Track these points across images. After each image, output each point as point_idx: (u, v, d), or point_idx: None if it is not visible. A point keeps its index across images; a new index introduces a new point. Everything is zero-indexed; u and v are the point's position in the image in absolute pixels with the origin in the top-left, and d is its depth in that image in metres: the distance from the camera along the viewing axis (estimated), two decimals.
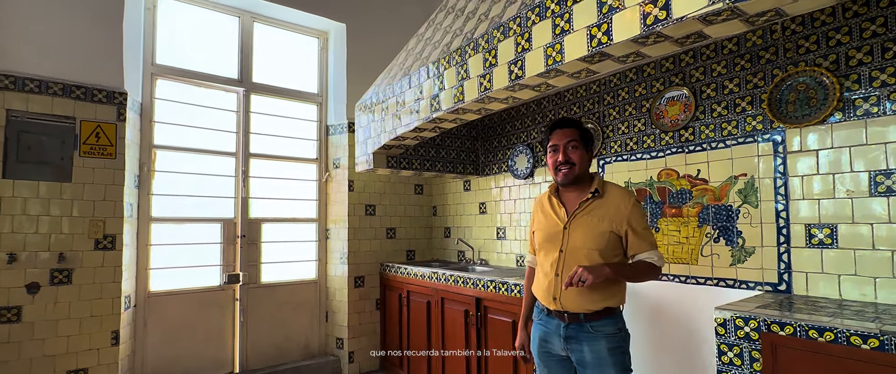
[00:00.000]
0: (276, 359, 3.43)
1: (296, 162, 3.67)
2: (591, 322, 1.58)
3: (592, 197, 1.63)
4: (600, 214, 1.60)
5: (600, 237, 1.57)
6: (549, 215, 1.70)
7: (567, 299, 1.59)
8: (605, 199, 1.63)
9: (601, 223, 1.59)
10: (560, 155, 1.63)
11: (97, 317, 2.61)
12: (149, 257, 3.00)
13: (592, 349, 1.57)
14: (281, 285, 3.50)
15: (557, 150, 1.65)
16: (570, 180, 1.64)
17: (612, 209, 1.60)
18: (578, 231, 1.60)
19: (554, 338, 1.66)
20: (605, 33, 1.52)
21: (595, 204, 1.62)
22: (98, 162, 2.67)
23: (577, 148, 1.64)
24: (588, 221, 1.60)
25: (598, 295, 1.57)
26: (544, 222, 1.71)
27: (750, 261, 2.02)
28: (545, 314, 1.70)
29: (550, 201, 1.72)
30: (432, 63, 2.40)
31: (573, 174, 1.63)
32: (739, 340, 1.55)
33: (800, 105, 1.89)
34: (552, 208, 1.70)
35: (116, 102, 2.74)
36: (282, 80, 3.64)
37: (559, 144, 1.65)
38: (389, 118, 2.81)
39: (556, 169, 1.65)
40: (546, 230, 1.69)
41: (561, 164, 1.63)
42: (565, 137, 1.64)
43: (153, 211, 3.04)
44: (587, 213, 1.61)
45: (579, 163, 1.63)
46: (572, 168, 1.63)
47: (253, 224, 3.41)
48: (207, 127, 3.29)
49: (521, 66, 1.85)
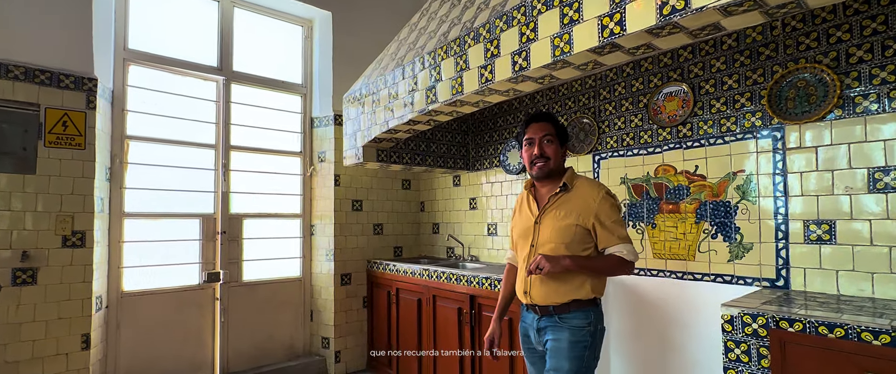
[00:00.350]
0: (259, 360, 3.29)
1: (279, 155, 3.53)
2: (561, 315, 1.60)
3: (560, 191, 1.63)
4: (568, 208, 1.61)
5: (566, 231, 1.58)
6: (524, 211, 1.73)
7: (535, 292, 1.62)
8: (573, 193, 1.63)
9: (567, 217, 1.59)
10: (535, 149, 1.64)
11: (65, 320, 2.43)
12: (122, 255, 2.82)
13: (555, 338, 1.59)
14: (264, 284, 3.36)
15: (533, 143, 1.65)
16: (545, 174, 1.65)
17: (580, 203, 1.60)
18: (547, 226, 1.62)
19: (531, 332, 1.69)
20: (618, 24, 1.48)
21: (563, 198, 1.63)
22: (65, 153, 2.48)
23: (552, 142, 1.64)
24: (556, 215, 1.61)
25: (563, 288, 1.58)
26: (519, 218, 1.75)
27: (748, 257, 2.03)
28: (524, 309, 1.73)
29: (527, 198, 1.74)
30: (428, 53, 2.32)
31: (548, 168, 1.64)
32: (747, 337, 1.54)
33: (799, 102, 1.90)
34: (528, 203, 1.72)
35: (85, 88, 2.55)
36: (264, 69, 3.48)
37: (535, 137, 1.65)
38: (381, 110, 2.71)
39: (532, 163, 1.66)
40: (520, 226, 1.72)
41: (536, 157, 1.64)
42: (541, 131, 1.65)
43: (126, 206, 2.86)
44: (556, 207, 1.63)
45: (554, 157, 1.64)
46: (547, 162, 1.63)
47: (234, 220, 3.26)
48: (185, 117, 3.11)
49: (526, 57, 1.79)
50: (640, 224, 2.41)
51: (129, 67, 2.91)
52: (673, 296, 2.26)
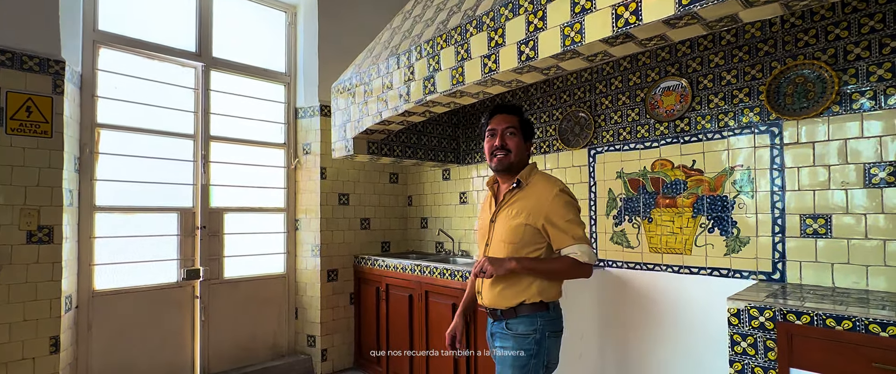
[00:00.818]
0: (242, 360, 3.16)
1: (262, 147, 3.38)
2: (508, 320, 1.53)
3: (515, 189, 1.56)
4: (519, 206, 1.53)
5: (514, 231, 1.51)
6: (485, 209, 1.68)
7: (486, 294, 1.57)
8: (527, 191, 1.54)
9: (517, 216, 1.52)
10: (497, 140, 1.55)
11: (32, 322, 2.25)
12: (93, 252, 2.63)
13: (502, 346, 1.54)
14: (246, 281, 3.22)
15: (495, 134, 1.56)
16: (504, 167, 1.56)
17: (532, 201, 1.51)
18: (500, 225, 1.56)
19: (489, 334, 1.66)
20: (634, 13, 1.44)
21: (517, 196, 1.55)
22: (30, 141, 2.28)
23: (514, 135, 1.56)
24: (507, 213, 1.55)
25: (509, 291, 1.51)
26: (481, 215, 1.70)
27: (744, 251, 2.06)
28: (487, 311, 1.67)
29: (489, 194, 1.69)
30: (426, 42, 2.24)
31: (508, 161, 1.54)
32: (753, 330, 1.55)
33: (797, 98, 1.92)
34: (488, 200, 1.68)
35: (52, 71, 2.35)
36: (246, 56, 3.32)
37: (497, 128, 1.56)
38: (374, 101, 2.61)
39: (492, 154, 1.57)
40: (481, 224, 1.68)
41: (497, 149, 1.54)
42: (504, 122, 1.57)
43: (97, 199, 2.67)
44: (509, 205, 1.55)
45: (515, 151, 1.55)
46: (507, 155, 1.54)
47: (214, 214, 3.10)
48: (161, 105, 2.93)
49: (533, 46, 1.75)
50: (637, 219, 2.42)
51: (99, 49, 2.71)
52: (670, 290, 2.28)
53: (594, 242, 2.60)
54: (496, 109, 1.61)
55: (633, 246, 2.43)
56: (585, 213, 2.65)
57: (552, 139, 2.84)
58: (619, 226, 2.49)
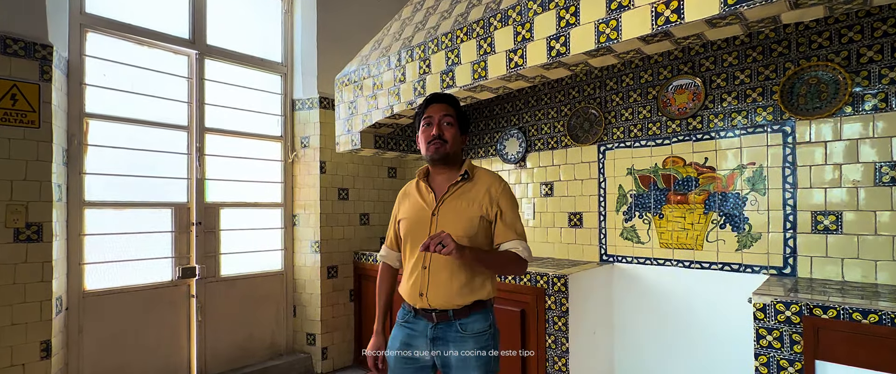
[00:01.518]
0: (239, 361, 3.06)
1: (258, 139, 3.25)
2: (460, 320, 1.46)
3: (462, 180, 1.51)
4: (470, 197, 1.49)
5: (471, 223, 1.46)
6: (417, 202, 1.55)
7: (434, 294, 1.45)
8: (475, 182, 1.51)
9: (471, 207, 1.47)
10: (434, 129, 1.49)
11: (21, 326, 2.10)
12: (83, 250, 2.48)
13: (459, 351, 1.45)
14: (243, 278, 3.11)
15: (431, 123, 1.50)
16: (441, 157, 1.49)
17: (482, 193, 1.49)
18: (448, 217, 1.47)
19: (419, 341, 1.50)
20: (675, 11, 1.44)
21: (465, 187, 1.51)
22: (15, 131, 2.12)
23: (451, 125, 1.51)
24: (458, 205, 1.48)
25: (466, 288, 1.45)
26: (411, 207, 1.55)
27: (756, 246, 2.12)
28: (412, 315, 1.53)
29: (418, 187, 1.57)
30: (444, 35, 2.19)
31: (444, 150, 1.48)
32: (779, 324, 1.60)
33: (810, 98, 1.98)
34: (420, 193, 1.56)
35: (39, 56, 2.18)
36: (240, 44, 3.18)
37: (434, 116, 1.50)
38: (384, 95, 2.55)
39: (428, 143, 1.50)
40: (412, 218, 1.53)
41: (434, 137, 1.48)
42: (442, 111, 1.51)
43: (87, 194, 2.51)
44: (457, 197, 1.49)
45: (452, 141, 1.50)
46: (444, 144, 1.48)
47: (210, 210, 2.97)
48: (153, 95, 2.77)
49: (564, 42, 1.73)
50: (647, 215, 2.46)
51: (86, 34, 2.53)
52: (681, 284, 2.33)
53: (603, 238, 2.63)
54: (433, 99, 1.54)
55: (643, 242, 2.47)
56: (594, 208, 2.67)
57: (560, 135, 2.84)
58: (629, 222, 2.53)
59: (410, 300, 1.50)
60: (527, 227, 3.02)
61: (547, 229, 2.91)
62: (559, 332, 2.21)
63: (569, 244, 2.80)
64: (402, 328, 1.53)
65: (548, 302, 2.25)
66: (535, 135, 2.98)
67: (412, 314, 1.52)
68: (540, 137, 2.95)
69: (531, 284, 2.31)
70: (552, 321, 2.24)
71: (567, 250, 2.81)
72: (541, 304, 2.28)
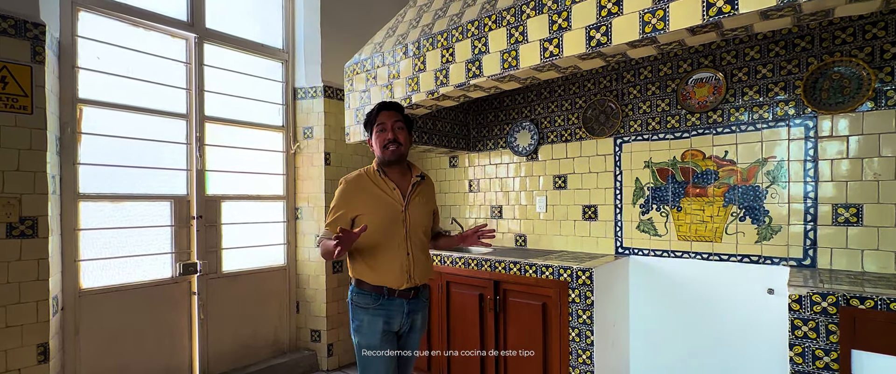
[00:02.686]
0: (243, 359, 2.94)
1: (259, 129, 3.11)
2: (424, 291, 1.83)
3: (420, 180, 1.80)
4: (426, 195, 1.83)
5: (429, 217, 1.83)
6: (383, 197, 1.73)
7: (419, 272, 1.75)
8: (426, 182, 1.84)
9: (429, 204, 1.84)
10: (389, 133, 1.72)
11: (16, 328, 1.94)
12: (78, 246, 2.32)
13: (422, 315, 1.82)
14: (245, 274, 2.98)
15: (385, 128, 1.73)
16: (397, 158, 1.73)
17: (429, 191, 1.86)
18: (415, 212, 1.76)
19: (396, 318, 1.73)
20: (729, 2, 1.43)
21: (422, 187, 1.81)
22: (6, 118, 1.94)
23: (402, 129, 1.75)
24: (420, 202, 1.79)
25: (430, 264, 1.83)
26: (376, 203, 1.72)
27: (775, 238, 2.16)
28: (385, 298, 1.71)
29: (376, 183, 1.75)
30: (469, 23, 2.13)
31: (400, 152, 1.73)
32: (815, 315, 1.63)
33: (833, 93, 2.02)
34: (383, 189, 1.74)
35: (31, 35, 2.01)
36: (240, 29, 3.02)
37: (387, 122, 1.73)
38: (401, 84, 2.47)
39: (385, 147, 1.72)
40: (385, 212, 1.71)
41: (390, 141, 1.71)
42: (393, 117, 1.74)
43: (81, 186, 2.34)
44: (418, 195, 1.79)
45: (404, 143, 1.75)
46: (399, 147, 1.72)
47: (211, 203, 2.83)
48: (151, 80, 2.60)
49: (605, 32, 1.69)
50: (665, 207, 2.47)
51: (78, 12, 2.34)
52: (699, 276, 2.35)
53: (619, 230, 2.64)
54: (383, 107, 1.77)
55: (660, 234, 2.49)
56: (610, 201, 2.67)
57: (574, 127, 2.83)
58: (646, 215, 2.54)
59: (395, 284, 1.70)
60: (538, 219, 3.01)
61: (560, 221, 2.90)
62: (583, 325, 2.21)
63: (582, 237, 2.80)
64: (378, 313, 1.71)
65: (571, 295, 2.24)
66: (548, 127, 2.95)
67: (386, 298, 1.71)
68: (553, 129, 2.93)
69: (554, 277, 2.29)
70: (576, 314, 2.23)
71: (581, 243, 2.80)
72: (564, 297, 2.27)
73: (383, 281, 1.70)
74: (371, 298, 1.71)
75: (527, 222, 3.07)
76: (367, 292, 1.72)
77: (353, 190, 1.73)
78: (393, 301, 1.71)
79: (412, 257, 1.73)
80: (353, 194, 1.73)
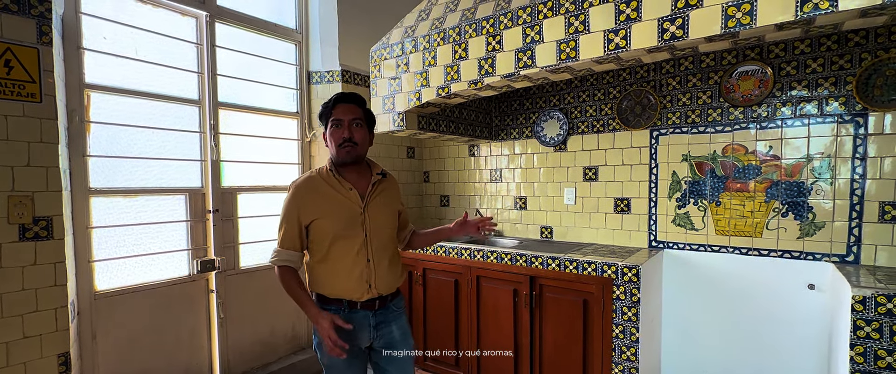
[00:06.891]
0: (263, 357, 2.83)
1: (273, 116, 2.93)
2: (393, 301, 1.65)
3: (382, 180, 1.65)
4: (389, 195, 1.67)
5: (393, 217, 1.67)
6: (339, 200, 1.55)
7: (381, 282, 1.58)
8: (388, 180, 1.69)
9: (392, 204, 1.67)
10: (345, 132, 1.54)
11: (35, 338, 1.77)
12: (91, 245, 2.13)
13: (399, 326, 1.64)
14: (261, 269, 2.84)
15: (341, 125, 1.54)
16: (352, 159, 1.56)
17: (393, 189, 1.70)
18: (377, 213, 1.60)
19: (362, 333, 1.57)
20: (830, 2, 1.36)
21: (383, 186, 1.66)
22: (13, 107, 1.73)
23: (361, 126, 1.57)
24: (382, 201, 1.63)
25: (398, 270, 1.66)
26: (332, 206, 1.54)
27: (819, 234, 2.17)
28: (347, 311, 1.55)
29: (331, 183, 1.56)
30: (521, 9, 2.00)
31: (355, 153, 1.55)
32: (880, 315, 1.63)
33: (886, 90, 2.00)
34: (339, 190, 1.56)
35: (36, 13, 1.77)
36: (251, 6, 2.79)
37: (343, 119, 1.54)
38: (438, 71, 2.33)
39: (339, 146, 1.54)
40: (342, 216, 1.54)
41: (345, 141, 1.54)
42: (350, 113, 1.55)
43: (92, 180, 2.14)
44: (379, 194, 1.64)
45: (362, 143, 1.57)
46: (355, 147, 1.55)
47: (227, 195, 2.66)
48: (162, 64, 2.38)
49: (682, 24, 1.61)
50: (703, 201, 2.45)
51: None
52: (737, 271, 2.36)
53: (653, 224, 2.61)
54: (340, 99, 1.57)
55: (697, 229, 2.47)
56: (644, 194, 2.64)
57: (607, 118, 2.76)
58: (683, 208, 2.51)
59: (353, 295, 1.54)
60: (566, 211, 2.96)
61: (590, 214, 2.86)
62: (628, 322, 2.19)
63: (614, 230, 2.77)
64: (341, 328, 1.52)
65: (616, 292, 2.21)
66: (579, 117, 2.88)
67: (348, 311, 1.55)
68: (584, 119, 2.85)
69: (597, 274, 2.26)
70: (621, 310, 2.20)
71: (612, 236, 2.77)
72: (608, 294, 2.23)
73: (341, 293, 1.54)
74: (331, 312, 1.53)
75: (554, 214, 3.02)
76: (330, 305, 1.55)
77: (304, 194, 1.55)
78: (355, 313, 1.55)
79: (373, 264, 1.55)
80: (305, 197, 1.54)
